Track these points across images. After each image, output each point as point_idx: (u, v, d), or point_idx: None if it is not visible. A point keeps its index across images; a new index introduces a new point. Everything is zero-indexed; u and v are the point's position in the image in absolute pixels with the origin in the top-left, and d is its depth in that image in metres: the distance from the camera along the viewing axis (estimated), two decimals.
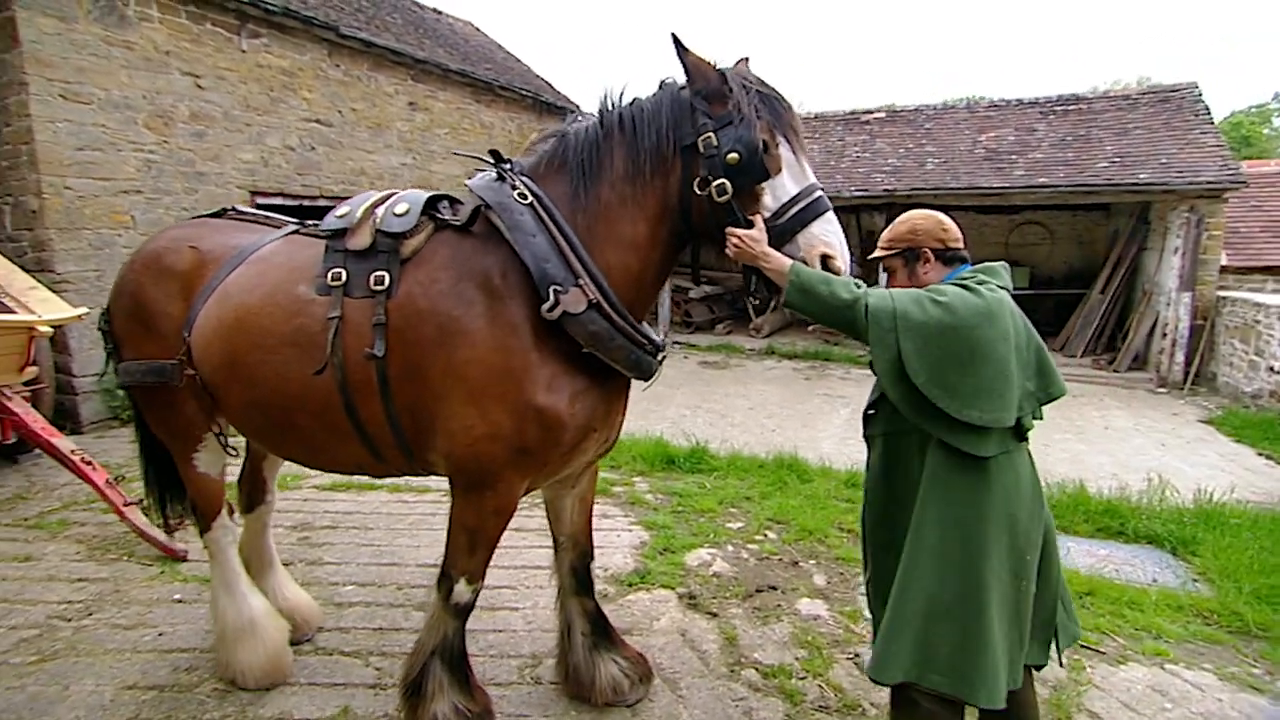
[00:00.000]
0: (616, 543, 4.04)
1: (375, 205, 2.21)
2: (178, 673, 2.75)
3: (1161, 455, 6.23)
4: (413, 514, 4.37)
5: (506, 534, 4.04)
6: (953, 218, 2.11)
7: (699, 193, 1.96)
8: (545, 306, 1.94)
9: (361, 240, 2.14)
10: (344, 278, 2.10)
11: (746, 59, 2.11)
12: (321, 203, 8.75)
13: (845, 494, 4.81)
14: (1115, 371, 9.38)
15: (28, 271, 5.38)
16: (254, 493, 2.98)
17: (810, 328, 11.21)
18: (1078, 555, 4.00)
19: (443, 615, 2.25)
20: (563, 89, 14.83)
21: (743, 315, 12.62)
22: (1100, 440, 6.67)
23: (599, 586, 3.50)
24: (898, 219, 2.11)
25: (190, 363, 2.34)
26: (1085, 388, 8.71)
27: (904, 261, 2.04)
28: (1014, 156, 9.45)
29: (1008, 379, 1.79)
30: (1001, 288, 1.90)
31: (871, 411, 2.09)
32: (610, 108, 2.12)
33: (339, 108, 8.89)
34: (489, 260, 2.04)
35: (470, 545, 2.18)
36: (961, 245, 2.04)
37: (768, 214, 1.93)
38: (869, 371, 2.10)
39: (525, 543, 4.00)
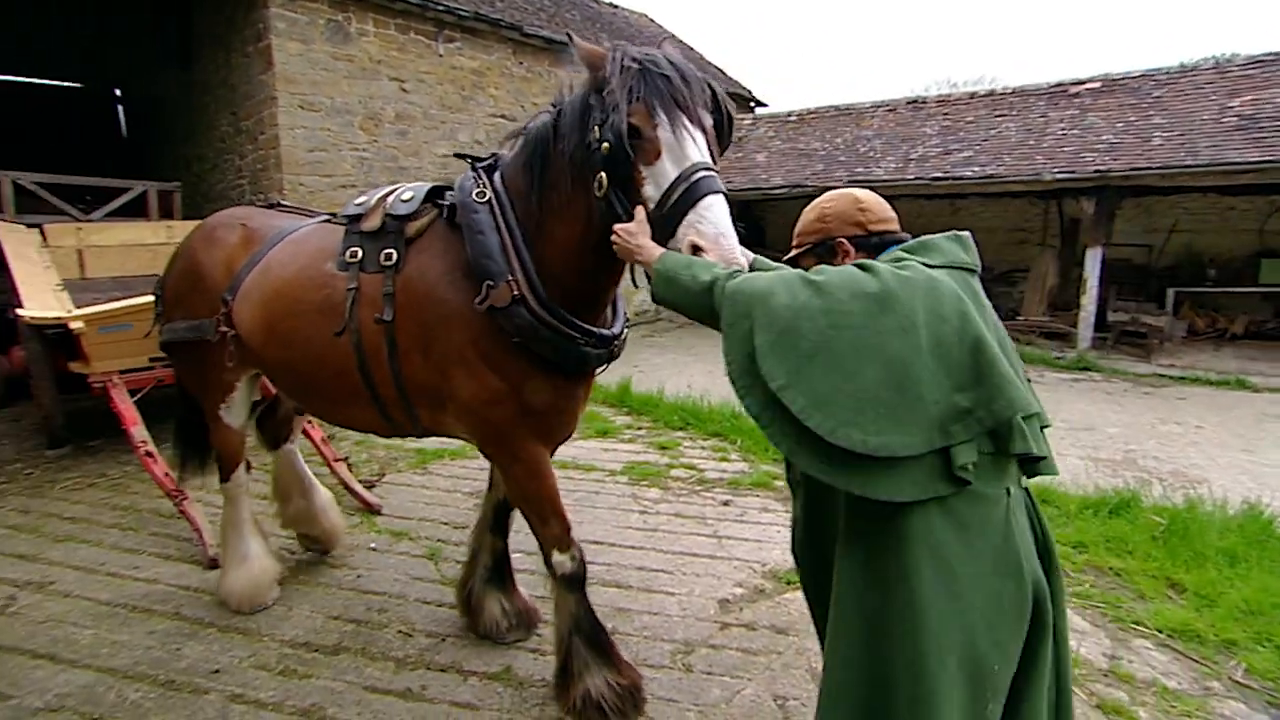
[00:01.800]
0: (776, 539, 3.92)
1: (387, 195, 2.44)
2: (370, 612, 3.09)
3: None
4: (579, 490, 4.56)
5: (667, 520, 4.13)
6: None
7: (598, 193, 1.85)
8: (476, 299, 2.09)
9: (373, 223, 2.37)
10: (360, 255, 2.35)
11: (671, 37, 2.00)
12: None
13: None
14: None
15: None
16: (279, 433, 3.54)
17: None
18: None
19: (560, 591, 2.39)
20: (736, 75, 14.66)
21: None
22: None
23: (756, 581, 3.45)
24: (808, 206, 1.71)
25: (228, 322, 2.70)
26: None
27: (817, 259, 1.63)
28: (1278, 123, 7.83)
29: (904, 387, 1.26)
30: (942, 265, 1.42)
31: None
32: (560, 103, 2.03)
33: (522, 103, 9.47)
34: (463, 253, 2.16)
35: (538, 516, 2.34)
36: (890, 225, 1.60)
37: (651, 205, 1.74)
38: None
39: (684, 529, 4.01)
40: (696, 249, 1.63)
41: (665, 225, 1.70)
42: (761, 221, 14.60)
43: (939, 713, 1.27)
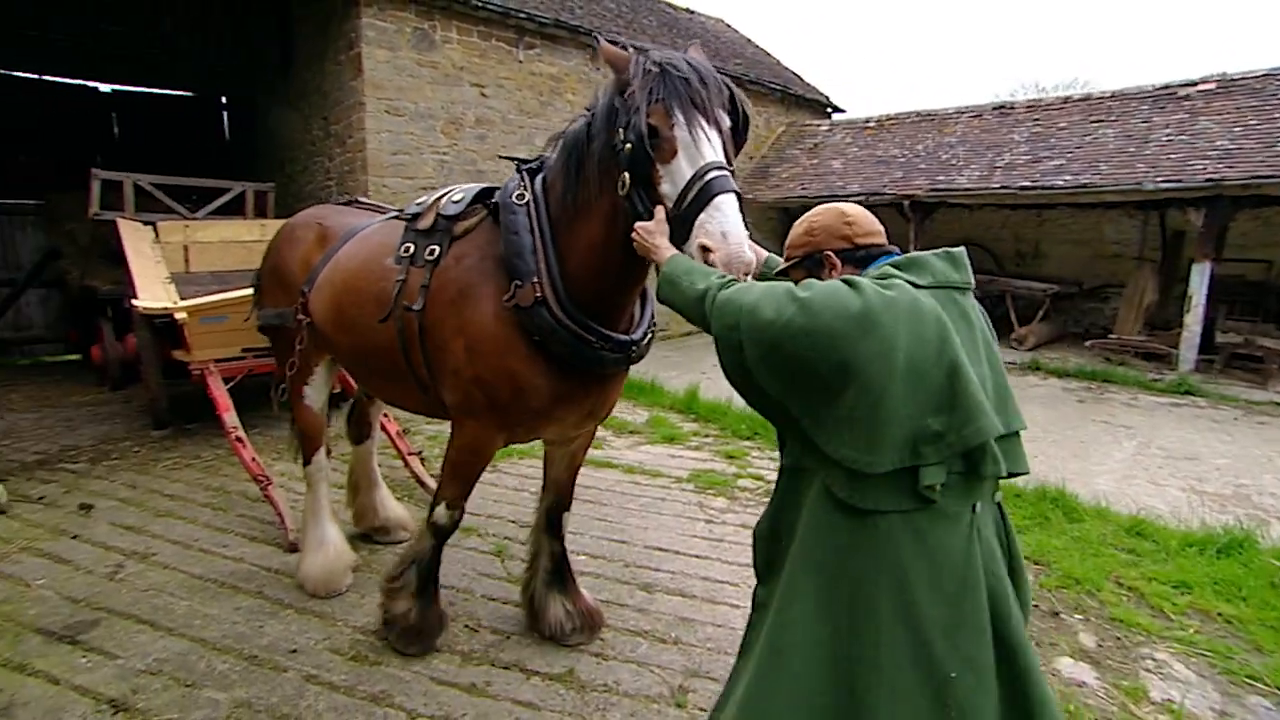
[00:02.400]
0: None
1: (442, 196, 2.61)
2: (450, 592, 3.16)
3: None
4: (644, 495, 4.55)
5: (734, 531, 4.06)
6: None
7: (620, 193, 1.93)
8: (504, 298, 2.24)
9: (427, 222, 2.56)
10: (412, 250, 2.54)
11: (697, 42, 2.10)
12: None
13: (1126, 542, 4.01)
14: None
15: None
16: (361, 430, 3.78)
17: (1088, 343, 9.57)
18: None
19: (423, 532, 2.71)
20: (813, 81, 14.41)
21: (1003, 324, 11.19)
22: None
23: None
24: (797, 220, 1.69)
25: (305, 311, 3.00)
26: None
27: (806, 272, 1.61)
28: None
29: (879, 408, 1.31)
30: (930, 285, 1.42)
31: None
32: (593, 106, 2.09)
33: None
34: (499, 249, 2.31)
35: (450, 474, 2.60)
36: (877, 238, 1.59)
37: (670, 203, 1.80)
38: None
39: (750, 539, 3.93)
40: (705, 249, 1.68)
41: (682, 224, 1.76)
42: None
43: (887, 709, 1.32)
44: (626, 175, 1.89)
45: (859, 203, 8.30)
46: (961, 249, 1.53)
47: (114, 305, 7.33)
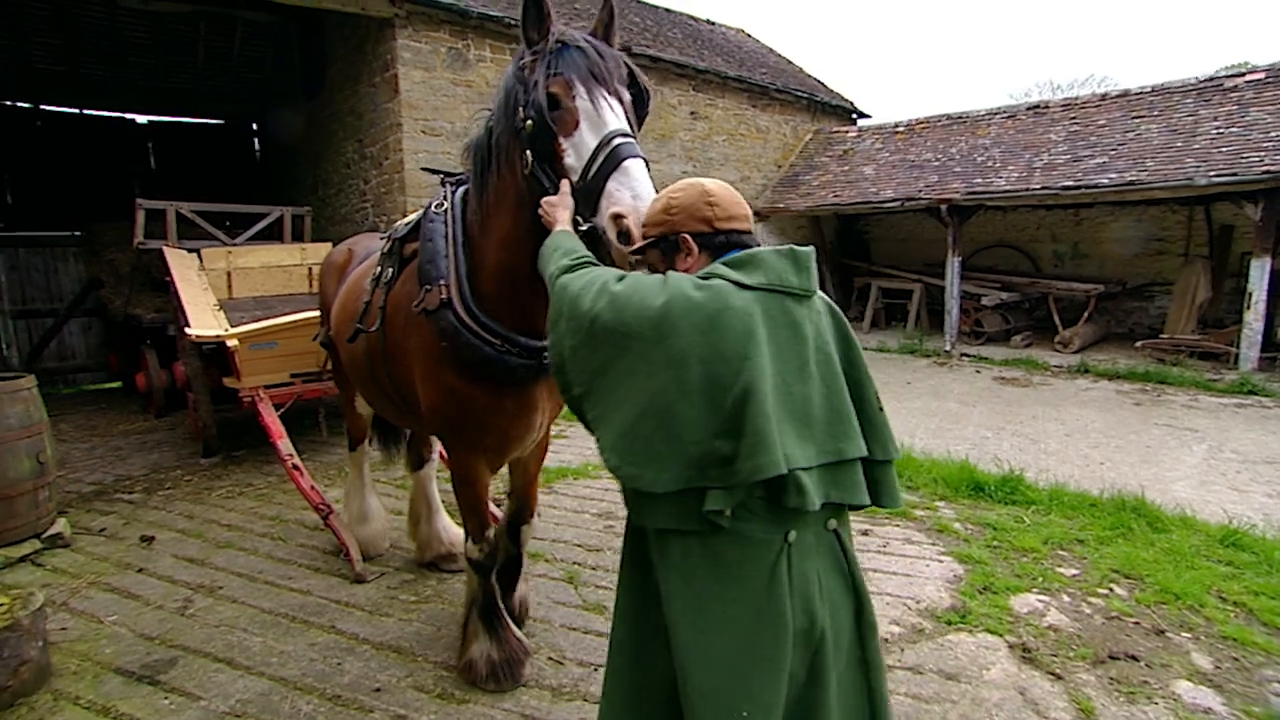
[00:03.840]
0: (926, 573, 3.64)
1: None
2: (528, 623, 3.03)
3: None
4: None
5: None
6: None
7: (524, 173, 1.86)
8: (413, 303, 2.27)
9: (386, 245, 2.66)
10: (378, 273, 2.64)
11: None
12: None
13: (1220, 553, 3.82)
14: None
15: None
16: (419, 456, 3.77)
17: (1139, 344, 9.30)
18: None
19: (469, 571, 2.72)
20: (837, 88, 14.32)
21: (1044, 326, 10.94)
22: None
23: (913, 619, 3.20)
24: (655, 196, 1.56)
25: (327, 331, 3.35)
26: None
27: (661, 254, 1.48)
28: None
29: (665, 422, 1.23)
30: (760, 286, 1.30)
31: None
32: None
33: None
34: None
35: (462, 510, 2.63)
36: (739, 223, 1.43)
37: (575, 176, 1.72)
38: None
39: None
40: (618, 216, 1.57)
41: (588, 195, 1.66)
42: (866, 236, 14.11)
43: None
44: (529, 153, 1.81)
45: (894, 209, 8.24)
46: (809, 249, 1.40)
47: (158, 333, 7.38)
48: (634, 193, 1.57)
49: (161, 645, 3.04)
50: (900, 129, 12.14)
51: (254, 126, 12.54)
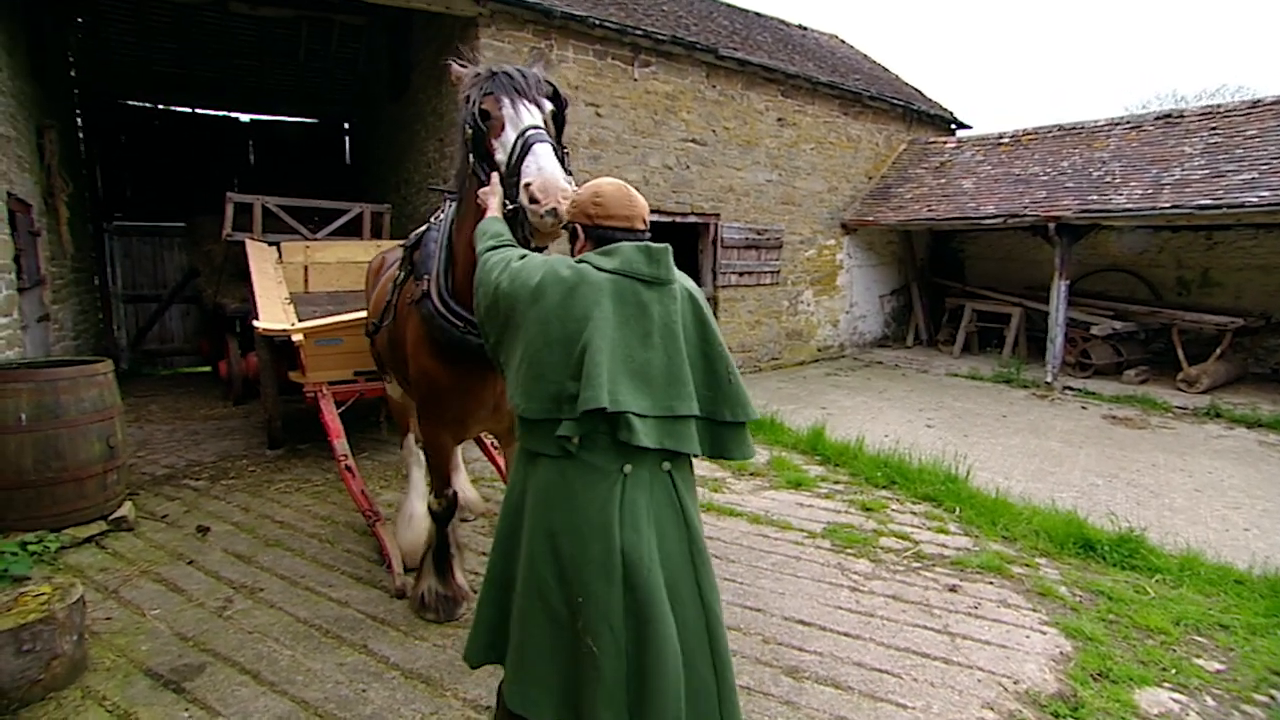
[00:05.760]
0: (1026, 646, 3.13)
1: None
2: None
3: None
4: (775, 553, 4.02)
5: (882, 602, 3.48)
6: None
7: (469, 171, 2.37)
8: (408, 297, 2.88)
9: (404, 252, 3.18)
10: (399, 277, 3.18)
11: (539, 61, 2.57)
12: (691, 219, 9.16)
13: None
14: None
15: None
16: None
17: None
18: None
19: (429, 520, 3.24)
20: (936, 97, 13.51)
21: (1162, 361, 9.81)
22: None
23: (1010, 705, 2.70)
24: None
25: (368, 326, 3.80)
26: None
27: (571, 236, 1.88)
28: None
29: (535, 366, 1.63)
30: (613, 271, 1.67)
31: None
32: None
33: (713, 127, 9.20)
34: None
35: (429, 469, 3.13)
36: (617, 222, 1.76)
37: (503, 168, 2.17)
38: None
39: (906, 618, 3.34)
40: (527, 185, 1.98)
41: (512, 178, 2.11)
42: (960, 254, 13.21)
43: (536, 611, 1.63)
44: (471, 155, 2.32)
45: (994, 226, 7.57)
46: (665, 246, 1.73)
47: (240, 322, 7.60)
48: (539, 166, 2.01)
49: (194, 648, 2.94)
50: (1005, 140, 11.25)
51: (345, 126, 12.96)
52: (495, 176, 2.19)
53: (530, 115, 2.18)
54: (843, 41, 14.41)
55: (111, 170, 11.01)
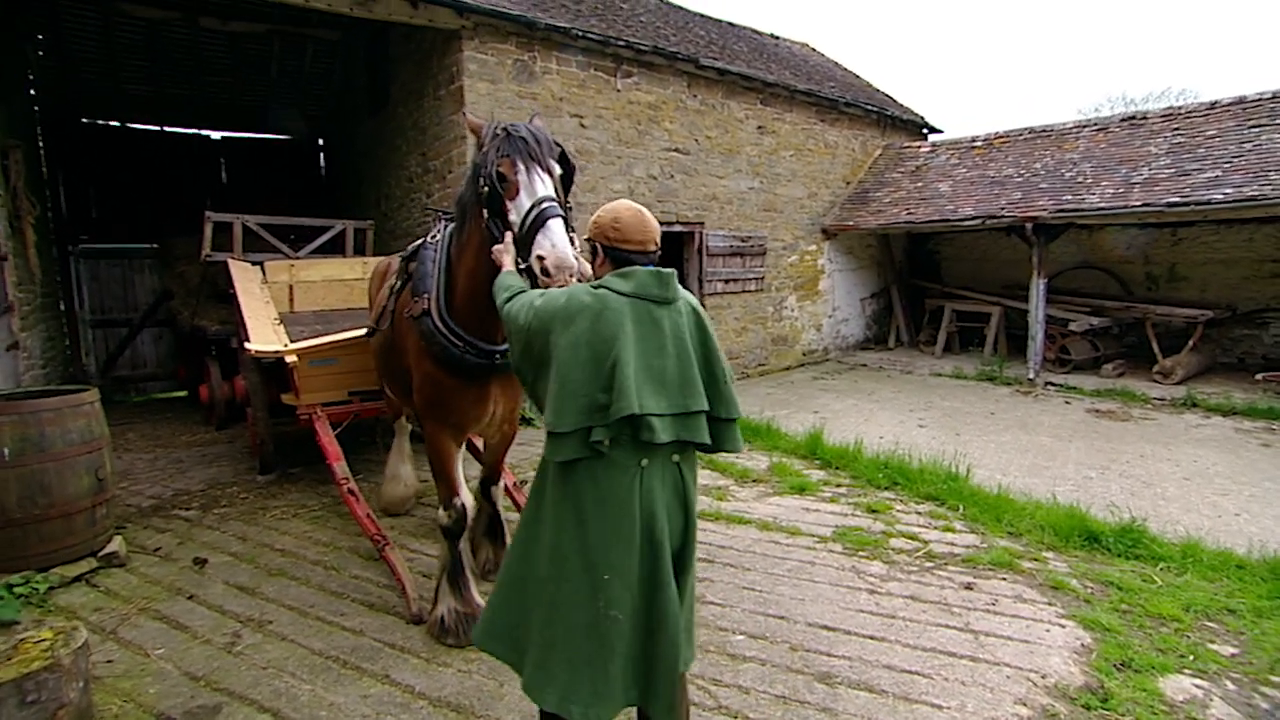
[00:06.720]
0: (1048, 640, 3.16)
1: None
2: None
3: None
4: (789, 559, 4.01)
5: (901, 603, 3.49)
6: None
7: (483, 224, 2.55)
8: (405, 310, 3.09)
9: (400, 263, 3.45)
10: (395, 285, 3.45)
11: (537, 114, 2.88)
12: (677, 228, 9.17)
13: None
14: None
15: None
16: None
17: (1260, 376, 8.43)
18: None
19: (440, 536, 3.23)
20: (906, 102, 13.76)
21: (1136, 354, 10.09)
22: None
23: (1042, 700, 2.72)
24: None
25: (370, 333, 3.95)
26: None
27: (592, 254, 2.06)
28: None
29: (566, 384, 1.81)
30: (629, 294, 1.88)
31: None
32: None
33: (695, 136, 9.25)
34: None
35: (435, 478, 3.20)
36: (633, 245, 1.96)
37: (516, 230, 2.37)
38: None
39: (927, 617, 3.35)
40: (540, 258, 2.20)
41: (524, 244, 2.32)
42: (936, 256, 13.44)
43: (564, 597, 1.85)
44: (485, 211, 2.50)
45: (973, 228, 7.74)
46: (671, 271, 1.96)
47: (221, 346, 7.39)
48: (552, 242, 2.22)
49: (207, 688, 2.82)
50: (978, 144, 11.50)
51: (320, 142, 12.75)
52: (509, 236, 2.40)
53: (544, 185, 2.37)
54: (814, 50, 14.63)
55: (76, 191, 10.65)
